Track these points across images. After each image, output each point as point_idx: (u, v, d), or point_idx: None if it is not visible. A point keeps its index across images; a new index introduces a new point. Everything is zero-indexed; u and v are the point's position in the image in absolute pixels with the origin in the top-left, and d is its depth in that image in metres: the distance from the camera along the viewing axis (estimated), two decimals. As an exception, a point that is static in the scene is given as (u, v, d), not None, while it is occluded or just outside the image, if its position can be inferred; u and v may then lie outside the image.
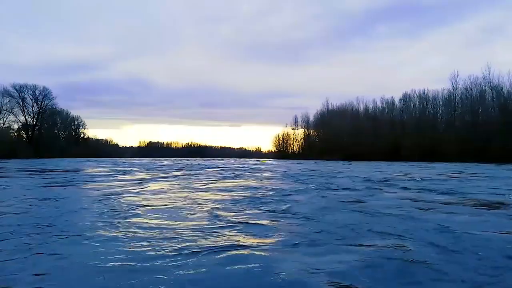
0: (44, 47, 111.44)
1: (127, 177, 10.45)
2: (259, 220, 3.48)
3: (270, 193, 6.07)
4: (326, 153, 50.18)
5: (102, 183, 8.17)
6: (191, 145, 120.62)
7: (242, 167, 19.95)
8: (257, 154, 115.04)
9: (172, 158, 64.56)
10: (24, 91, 54.81)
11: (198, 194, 5.80)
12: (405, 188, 6.97)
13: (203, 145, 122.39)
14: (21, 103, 54.42)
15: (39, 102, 56.63)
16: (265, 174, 12.46)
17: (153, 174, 11.96)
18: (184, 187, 7.14)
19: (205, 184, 8.08)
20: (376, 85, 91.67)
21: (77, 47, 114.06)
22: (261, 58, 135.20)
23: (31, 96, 55.70)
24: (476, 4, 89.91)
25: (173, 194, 5.76)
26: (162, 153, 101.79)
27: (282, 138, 73.26)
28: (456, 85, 44.38)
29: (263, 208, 4.30)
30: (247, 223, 3.31)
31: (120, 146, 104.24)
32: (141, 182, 8.52)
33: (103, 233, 2.83)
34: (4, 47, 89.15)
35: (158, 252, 2.29)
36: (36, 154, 47.09)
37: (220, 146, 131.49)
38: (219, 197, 5.42)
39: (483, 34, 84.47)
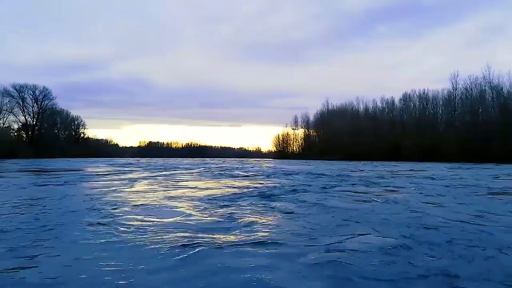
0: (44, 47, 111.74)
1: (122, 176, 10.46)
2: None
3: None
4: (326, 153, 50.20)
5: (96, 182, 8.20)
6: (191, 145, 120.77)
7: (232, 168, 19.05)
8: (257, 154, 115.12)
9: (171, 158, 64.54)
10: (24, 91, 54.93)
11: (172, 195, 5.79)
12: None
13: (203, 145, 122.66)
14: (21, 103, 54.52)
15: (39, 102, 56.72)
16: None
17: (149, 174, 11.98)
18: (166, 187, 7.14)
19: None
20: (376, 85, 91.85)
21: (77, 47, 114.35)
22: (261, 58, 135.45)
23: (31, 96, 55.84)
24: (476, 4, 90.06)
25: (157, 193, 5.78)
26: (162, 153, 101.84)
27: (282, 138, 73.40)
28: (456, 85, 44.42)
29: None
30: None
31: (120, 146, 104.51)
32: (131, 181, 8.54)
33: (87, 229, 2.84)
34: (4, 47, 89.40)
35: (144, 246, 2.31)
36: (36, 154, 47.11)
37: (220, 146, 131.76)
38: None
39: (483, 34, 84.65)
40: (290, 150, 70.28)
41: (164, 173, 13.08)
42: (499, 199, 5.34)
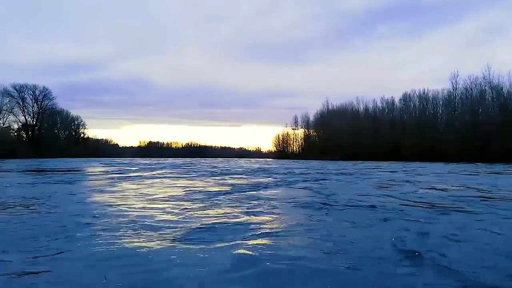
0: (44, 47, 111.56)
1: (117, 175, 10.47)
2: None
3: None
4: (326, 153, 50.19)
5: (94, 181, 8.21)
6: (191, 145, 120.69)
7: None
8: (257, 154, 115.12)
9: (170, 159, 64.52)
10: (24, 91, 54.91)
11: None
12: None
13: (203, 145, 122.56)
14: (21, 103, 54.50)
15: (39, 102, 56.70)
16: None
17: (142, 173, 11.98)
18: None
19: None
20: (376, 85, 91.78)
21: (77, 47, 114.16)
22: (261, 58, 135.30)
23: (31, 96, 55.83)
24: (476, 4, 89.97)
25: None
26: (162, 153, 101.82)
27: (282, 138, 73.38)
28: (456, 85, 44.45)
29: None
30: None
31: (120, 146, 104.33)
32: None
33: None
34: (4, 47, 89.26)
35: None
36: (36, 154, 47.11)
37: (220, 146, 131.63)
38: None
39: (483, 34, 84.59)
40: (290, 150, 70.28)
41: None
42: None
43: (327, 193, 5.94)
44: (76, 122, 68.11)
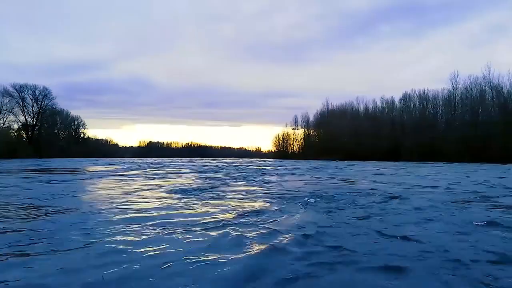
0: (44, 47, 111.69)
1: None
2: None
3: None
4: (326, 153, 50.21)
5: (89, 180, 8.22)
6: (191, 145, 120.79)
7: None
8: (257, 154, 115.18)
9: (168, 159, 64.55)
10: (24, 91, 54.97)
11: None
12: None
13: (203, 145, 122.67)
14: (21, 103, 54.54)
15: (39, 102, 56.75)
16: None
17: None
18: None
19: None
20: (376, 85, 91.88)
21: (78, 47, 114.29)
22: (262, 58, 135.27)
23: (31, 96, 55.88)
24: (480, 4, 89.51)
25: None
26: (162, 153, 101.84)
27: (282, 138, 73.41)
28: (456, 85, 44.45)
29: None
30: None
31: (120, 146, 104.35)
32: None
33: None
34: (4, 47, 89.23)
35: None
36: (36, 154, 47.15)
37: (220, 146, 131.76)
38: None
39: (486, 34, 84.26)
40: (290, 150, 70.30)
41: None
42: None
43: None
44: (76, 122, 68.15)
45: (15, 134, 53.70)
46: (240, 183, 8.04)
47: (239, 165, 21.58)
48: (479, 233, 2.85)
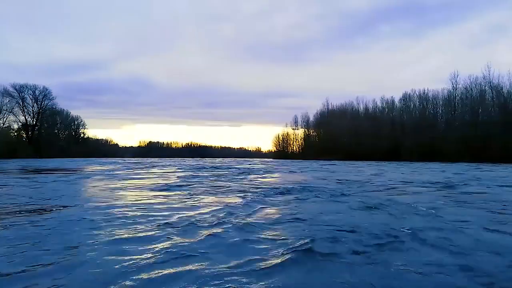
0: (45, 47, 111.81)
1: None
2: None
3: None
4: (326, 153, 50.20)
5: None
6: (191, 145, 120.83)
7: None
8: (257, 154, 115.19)
9: (167, 159, 64.52)
10: (24, 91, 54.93)
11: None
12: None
13: (203, 145, 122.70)
14: (21, 103, 54.51)
15: (39, 102, 56.71)
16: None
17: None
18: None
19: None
20: (376, 85, 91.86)
21: (78, 47, 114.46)
22: (262, 58, 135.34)
23: (31, 96, 55.85)
24: (480, 4, 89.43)
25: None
26: (162, 153, 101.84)
27: (282, 138, 73.38)
28: (456, 85, 44.44)
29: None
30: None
31: (120, 146, 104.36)
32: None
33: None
34: (5, 47, 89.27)
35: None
36: (36, 154, 47.14)
37: (220, 146, 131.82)
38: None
39: (486, 34, 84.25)
40: (290, 150, 70.27)
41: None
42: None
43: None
44: (76, 122, 68.12)
45: (15, 134, 53.68)
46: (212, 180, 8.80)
47: (233, 165, 21.58)
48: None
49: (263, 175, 11.36)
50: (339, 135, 54.64)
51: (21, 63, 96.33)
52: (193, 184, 7.51)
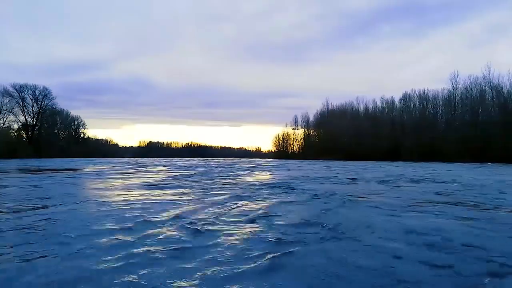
0: (45, 47, 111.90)
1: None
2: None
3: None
4: (326, 153, 50.18)
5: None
6: (191, 145, 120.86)
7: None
8: (257, 154, 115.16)
9: (166, 159, 64.51)
10: (24, 91, 54.95)
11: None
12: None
13: (203, 145, 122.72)
14: (21, 103, 54.54)
15: (39, 102, 56.73)
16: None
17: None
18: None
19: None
20: (376, 85, 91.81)
21: (78, 47, 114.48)
22: (262, 58, 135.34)
23: (31, 96, 55.87)
24: (480, 4, 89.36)
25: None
26: (162, 153, 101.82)
27: (282, 138, 73.30)
28: (456, 85, 44.39)
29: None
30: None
31: (120, 146, 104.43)
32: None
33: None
34: (4, 47, 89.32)
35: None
36: (36, 154, 47.13)
37: (220, 146, 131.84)
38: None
39: (486, 34, 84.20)
40: (290, 150, 70.24)
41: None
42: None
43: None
44: (76, 122, 68.12)
45: (15, 134, 53.70)
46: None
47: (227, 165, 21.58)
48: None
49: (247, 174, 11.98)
50: (339, 135, 54.60)
51: (21, 63, 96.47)
52: (171, 184, 7.72)
